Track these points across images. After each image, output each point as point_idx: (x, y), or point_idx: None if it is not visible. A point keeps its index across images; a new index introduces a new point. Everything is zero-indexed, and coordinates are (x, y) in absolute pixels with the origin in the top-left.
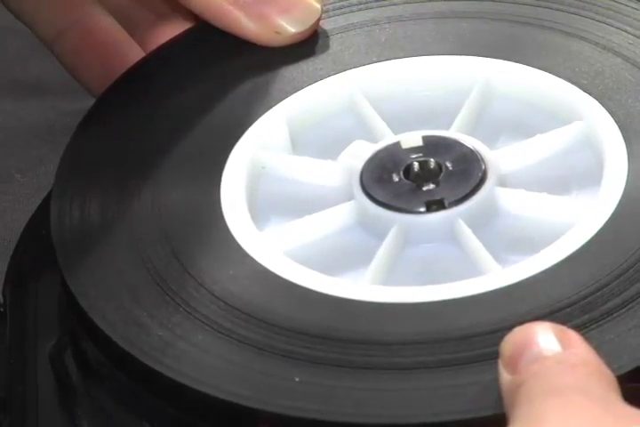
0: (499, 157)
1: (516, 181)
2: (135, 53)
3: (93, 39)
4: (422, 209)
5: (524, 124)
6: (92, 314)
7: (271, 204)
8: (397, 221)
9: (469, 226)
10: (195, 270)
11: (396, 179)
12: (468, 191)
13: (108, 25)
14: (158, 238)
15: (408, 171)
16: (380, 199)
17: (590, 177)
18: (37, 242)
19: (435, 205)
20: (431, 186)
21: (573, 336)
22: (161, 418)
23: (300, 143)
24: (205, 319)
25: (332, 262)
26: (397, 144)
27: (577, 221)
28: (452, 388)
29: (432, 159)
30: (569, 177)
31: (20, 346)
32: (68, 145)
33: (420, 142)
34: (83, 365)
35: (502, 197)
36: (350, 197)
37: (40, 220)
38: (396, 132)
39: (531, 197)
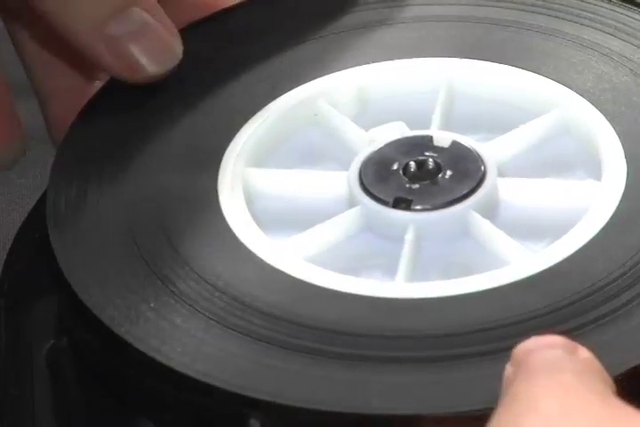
0: (503, 186)
1: (505, 219)
2: None
3: None
4: (389, 202)
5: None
6: (80, 295)
7: (301, 147)
8: (362, 202)
9: (420, 236)
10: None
11: (394, 167)
12: (438, 205)
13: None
14: (153, 222)
15: (408, 164)
16: (362, 176)
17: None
18: (32, 244)
19: (403, 203)
20: (415, 186)
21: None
22: (161, 419)
23: (366, 110)
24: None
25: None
26: (428, 138)
27: None
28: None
29: (436, 163)
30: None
31: (16, 349)
32: (68, 132)
33: (447, 144)
34: (79, 367)
35: (472, 223)
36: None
37: (35, 221)
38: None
39: (491, 229)
